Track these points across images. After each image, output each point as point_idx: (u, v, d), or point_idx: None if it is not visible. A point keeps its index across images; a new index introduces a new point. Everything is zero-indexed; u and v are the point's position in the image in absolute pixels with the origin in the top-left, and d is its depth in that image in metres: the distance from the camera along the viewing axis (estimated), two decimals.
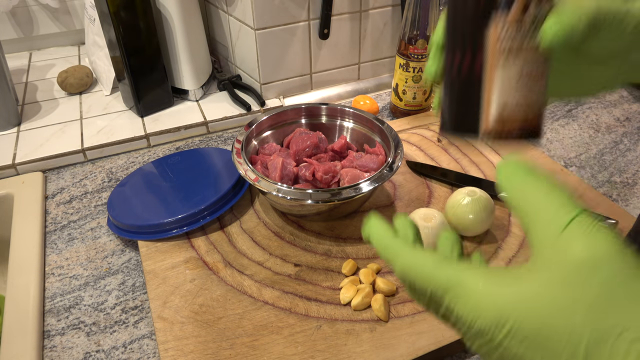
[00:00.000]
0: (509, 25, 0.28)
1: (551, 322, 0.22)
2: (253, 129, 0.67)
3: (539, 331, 0.22)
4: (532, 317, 0.22)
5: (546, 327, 0.22)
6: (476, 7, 0.29)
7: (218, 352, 0.48)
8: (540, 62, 0.29)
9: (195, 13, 0.86)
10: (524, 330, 0.22)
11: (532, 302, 0.22)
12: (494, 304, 0.23)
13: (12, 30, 1.03)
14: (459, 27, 0.29)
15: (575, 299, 0.21)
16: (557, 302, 0.22)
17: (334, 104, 0.71)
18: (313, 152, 0.66)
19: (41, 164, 0.76)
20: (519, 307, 0.23)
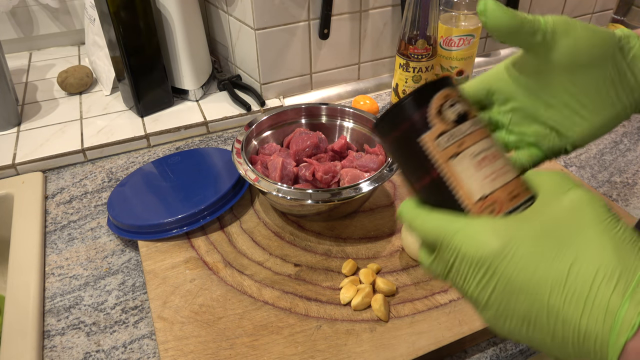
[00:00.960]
0: (438, 137, 0.31)
1: (541, 251, 0.28)
2: (253, 129, 0.67)
3: (530, 258, 0.28)
4: (527, 248, 0.28)
5: (536, 255, 0.28)
6: (408, 147, 0.32)
7: (218, 352, 0.48)
8: (484, 142, 0.32)
9: (195, 13, 0.86)
10: (520, 257, 0.28)
11: (528, 239, 0.28)
12: (497, 238, 0.28)
13: (12, 30, 1.03)
14: (407, 165, 0.33)
15: (556, 238, 0.28)
16: (546, 241, 0.28)
17: (334, 104, 0.71)
18: (313, 152, 0.66)
19: (41, 164, 0.76)
20: (518, 241, 0.28)
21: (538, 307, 0.28)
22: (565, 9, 1.08)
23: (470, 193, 0.31)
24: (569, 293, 0.27)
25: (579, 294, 0.27)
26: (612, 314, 0.26)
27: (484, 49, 1.05)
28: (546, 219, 0.29)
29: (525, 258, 0.28)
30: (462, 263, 0.30)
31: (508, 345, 0.52)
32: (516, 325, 0.29)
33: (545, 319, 0.28)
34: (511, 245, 0.28)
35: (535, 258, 0.28)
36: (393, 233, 0.62)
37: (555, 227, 0.29)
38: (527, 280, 0.28)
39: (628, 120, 0.86)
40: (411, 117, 0.32)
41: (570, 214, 0.29)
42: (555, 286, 0.27)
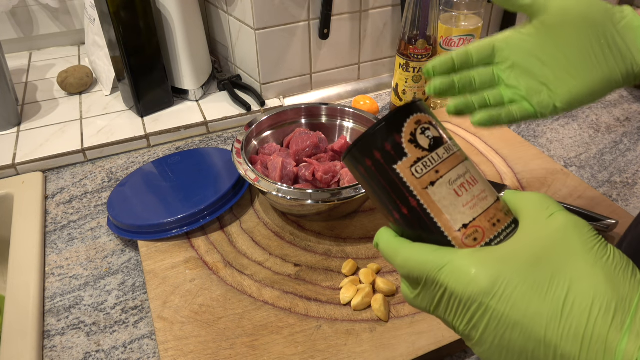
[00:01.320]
0: (414, 165, 0.30)
1: (530, 283, 0.27)
2: (253, 129, 0.67)
3: (522, 294, 0.27)
4: (518, 283, 0.27)
5: (528, 289, 0.27)
6: (382, 177, 0.31)
7: (218, 352, 0.48)
8: (460, 167, 0.31)
9: (195, 13, 0.86)
10: (512, 294, 0.27)
11: (518, 272, 0.27)
12: (486, 273, 0.27)
13: (12, 30, 1.03)
14: (382, 195, 0.32)
15: (546, 269, 0.27)
16: (536, 273, 0.27)
17: (334, 104, 0.71)
18: (313, 152, 0.66)
19: (41, 164, 0.76)
20: (508, 276, 0.27)
21: (534, 342, 0.27)
22: None
23: (451, 222, 0.30)
24: (565, 328, 0.26)
25: (576, 329, 0.26)
26: (612, 349, 0.25)
27: None
28: (534, 248, 0.28)
29: (517, 293, 0.27)
30: (450, 300, 0.29)
31: None
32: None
33: (543, 355, 0.27)
34: (501, 281, 0.27)
35: (528, 292, 0.27)
36: None
37: (544, 257, 0.28)
38: (522, 316, 0.27)
39: (628, 121, 0.86)
40: (384, 145, 0.30)
41: (557, 241, 0.28)
42: (551, 321, 0.26)
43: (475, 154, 0.75)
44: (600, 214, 0.61)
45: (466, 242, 0.30)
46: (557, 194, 0.67)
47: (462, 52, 0.44)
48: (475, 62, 0.44)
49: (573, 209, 0.61)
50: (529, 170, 0.72)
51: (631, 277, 0.27)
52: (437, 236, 0.31)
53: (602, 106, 0.91)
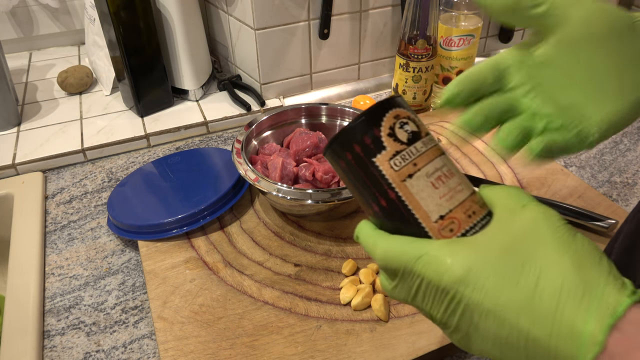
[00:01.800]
0: (392, 158, 0.31)
1: (501, 273, 0.28)
2: (253, 129, 0.67)
3: (495, 282, 0.28)
4: (491, 272, 0.28)
5: (500, 278, 0.28)
6: (362, 170, 0.32)
7: (218, 352, 0.48)
8: (438, 161, 0.32)
9: (195, 13, 0.86)
10: (485, 282, 0.28)
11: (490, 262, 0.28)
12: (460, 263, 0.28)
13: (12, 30, 1.03)
14: (361, 188, 0.33)
15: (517, 258, 0.28)
16: (508, 262, 0.28)
17: (334, 104, 0.71)
18: (313, 152, 0.66)
19: (41, 164, 0.76)
20: (481, 265, 0.28)
21: (508, 329, 0.28)
22: None
23: (429, 213, 0.31)
24: (536, 314, 0.27)
25: (546, 314, 0.27)
26: (578, 332, 0.26)
27: (484, 49, 1.05)
28: (505, 238, 0.29)
29: (490, 282, 0.28)
30: (426, 290, 0.30)
31: None
32: (488, 347, 0.29)
33: (516, 340, 0.28)
34: (475, 270, 0.28)
35: (500, 281, 0.28)
36: None
37: (515, 246, 0.29)
38: (494, 304, 0.28)
39: None
40: (364, 139, 0.32)
41: (528, 231, 0.29)
42: (522, 308, 0.27)
43: (475, 153, 0.75)
44: (600, 214, 0.61)
45: (443, 233, 0.31)
46: (557, 194, 0.67)
47: (476, 75, 0.36)
48: (488, 88, 0.37)
49: (573, 209, 0.61)
50: (529, 170, 0.72)
51: (597, 263, 0.28)
52: (414, 228, 0.32)
53: None
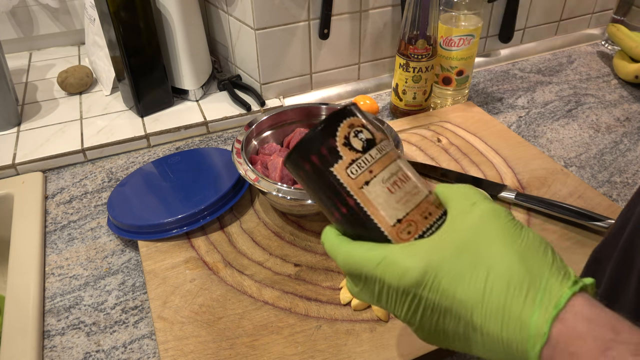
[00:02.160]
0: (349, 166, 0.33)
1: (455, 273, 0.29)
2: (253, 129, 0.67)
3: (449, 282, 0.29)
4: (445, 273, 0.29)
5: (453, 278, 0.29)
6: (321, 179, 0.33)
7: (218, 352, 0.48)
8: (392, 166, 0.34)
9: (195, 13, 0.86)
10: (440, 283, 0.29)
11: (444, 263, 0.30)
12: (416, 265, 0.30)
13: (12, 30, 1.03)
14: (322, 196, 0.34)
15: (468, 257, 0.30)
16: (460, 262, 0.30)
17: (334, 104, 0.71)
18: None
19: (41, 164, 0.76)
20: (435, 267, 0.30)
21: (464, 325, 0.30)
22: (565, 8, 1.08)
23: (387, 217, 0.32)
24: (487, 309, 0.28)
25: (496, 309, 0.28)
26: (526, 324, 0.27)
27: (484, 49, 1.05)
28: (457, 237, 0.31)
29: (444, 282, 0.29)
30: (388, 293, 0.32)
31: None
32: (450, 341, 0.31)
33: (472, 334, 0.29)
34: (430, 272, 0.30)
35: (454, 280, 0.29)
36: None
37: (466, 245, 0.30)
38: (450, 303, 0.29)
39: (628, 121, 0.86)
40: (321, 149, 0.33)
41: (477, 230, 0.31)
42: (475, 305, 0.29)
43: (475, 153, 0.75)
44: (600, 214, 0.61)
45: (401, 236, 0.32)
46: (557, 194, 0.67)
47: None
48: None
49: (573, 209, 0.61)
50: (529, 170, 0.72)
51: (542, 255, 0.29)
52: (374, 232, 0.33)
53: (602, 106, 0.91)
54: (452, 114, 0.85)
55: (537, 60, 1.08)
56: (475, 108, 0.86)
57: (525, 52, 1.09)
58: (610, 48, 1.12)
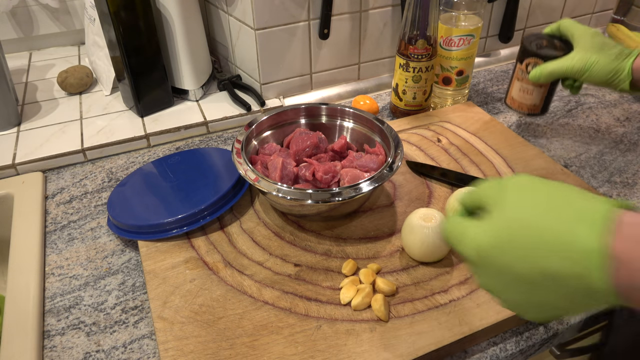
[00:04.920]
0: (521, 68, 0.71)
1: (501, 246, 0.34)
2: (253, 129, 0.67)
3: (497, 256, 0.34)
4: (490, 247, 0.35)
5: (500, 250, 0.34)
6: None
7: (218, 352, 0.48)
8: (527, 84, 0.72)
9: (195, 13, 0.86)
10: (488, 257, 0.35)
11: (489, 239, 0.35)
12: (472, 241, 0.36)
13: (12, 30, 1.03)
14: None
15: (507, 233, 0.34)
16: (501, 236, 0.34)
17: (334, 104, 0.71)
18: (313, 152, 0.66)
19: (41, 164, 0.76)
20: (484, 242, 0.35)
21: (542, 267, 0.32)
22: (565, 9, 1.08)
23: None
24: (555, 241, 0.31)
25: (562, 241, 0.31)
26: (588, 247, 0.29)
27: (484, 49, 1.05)
28: (496, 224, 0.36)
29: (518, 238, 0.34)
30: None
31: (508, 345, 0.52)
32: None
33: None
34: (480, 248, 0.36)
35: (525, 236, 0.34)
36: (393, 233, 0.62)
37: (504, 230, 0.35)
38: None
39: (628, 121, 0.86)
40: None
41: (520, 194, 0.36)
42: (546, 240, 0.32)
43: (475, 153, 0.75)
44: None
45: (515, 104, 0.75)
46: None
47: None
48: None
49: None
50: (529, 170, 0.72)
51: (579, 192, 0.34)
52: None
53: (602, 106, 0.91)
54: (452, 114, 0.85)
55: None
56: (475, 108, 0.86)
57: None
58: None
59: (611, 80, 0.65)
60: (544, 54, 0.70)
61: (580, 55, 0.66)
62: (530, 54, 0.72)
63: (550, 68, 0.69)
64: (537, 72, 0.70)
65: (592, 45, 0.65)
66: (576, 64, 0.66)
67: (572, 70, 0.66)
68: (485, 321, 0.50)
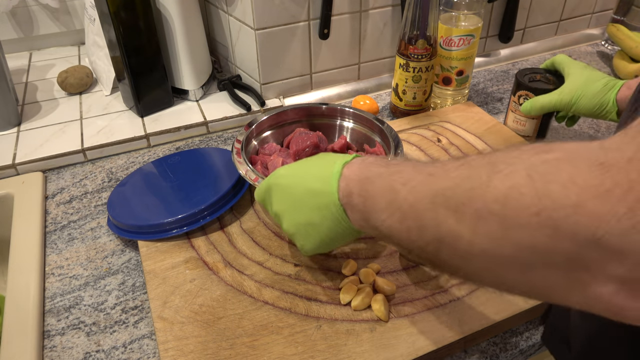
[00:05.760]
0: (514, 100, 0.73)
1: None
2: (253, 129, 0.67)
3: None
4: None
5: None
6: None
7: (218, 352, 0.48)
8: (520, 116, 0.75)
9: (195, 13, 0.86)
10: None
11: (279, 176, 0.50)
12: (267, 180, 0.52)
13: (12, 30, 1.03)
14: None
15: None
16: (286, 174, 0.50)
17: (334, 104, 0.71)
18: (313, 151, 0.66)
19: (41, 164, 0.76)
20: (276, 175, 0.50)
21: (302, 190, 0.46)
22: (565, 9, 1.08)
23: None
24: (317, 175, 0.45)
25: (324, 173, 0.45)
26: (330, 173, 0.44)
27: (484, 49, 1.05)
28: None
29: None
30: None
31: (508, 345, 0.52)
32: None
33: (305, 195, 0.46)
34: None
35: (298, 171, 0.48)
36: None
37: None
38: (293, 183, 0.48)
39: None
40: None
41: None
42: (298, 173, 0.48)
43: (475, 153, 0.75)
44: None
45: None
46: None
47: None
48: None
49: None
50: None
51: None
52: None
53: None
54: (452, 114, 0.85)
55: (537, 60, 1.08)
56: (475, 108, 0.86)
57: (525, 52, 1.09)
58: (610, 48, 1.12)
59: (599, 112, 0.67)
60: (535, 87, 0.73)
61: (569, 89, 0.68)
62: (523, 87, 0.75)
63: (540, 102, 0.71)
64: (527, 106, 0.73)
65: (580, 79, 0.67)
66: (564, 98, 0.68)
67: (561, 104, 0.68)
68: (485, 321, 0.50)
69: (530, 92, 0.74)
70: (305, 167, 0.47)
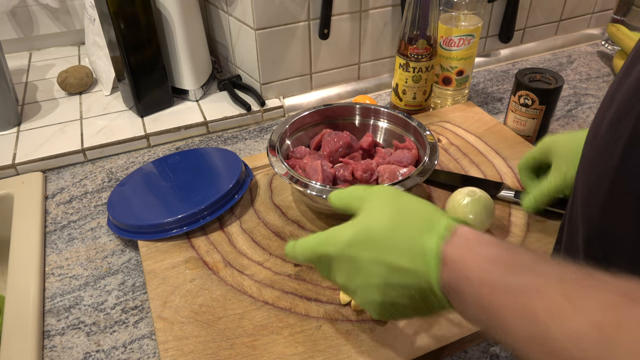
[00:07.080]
0: (514, 100, 0.65)
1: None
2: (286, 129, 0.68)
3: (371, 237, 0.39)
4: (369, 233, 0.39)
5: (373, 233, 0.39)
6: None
7: (218, 352, 0.48)
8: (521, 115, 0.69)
9: (195, 13, 0.86)
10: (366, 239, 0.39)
11: (350, 235, 0.40)
12: (338, 237, 0.41)
13: (12, 30, 1.03)
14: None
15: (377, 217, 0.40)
16: (360, 234, 0.39)
17: (367, 104, 0.73)
18: (347, 151, 0.66)
19: (41, 164, 0.76)
20: (346, 236, 0.40)
21: (386, 269, 0.37)
22: (565, 8, 1.08)
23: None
24: (397, 245, 0.37)
25: (404, 243, 0.37)
26: (425, 249, 0.35)
27: (484, 49, 1.05)
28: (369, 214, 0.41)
29: (368, 238, 0.39)
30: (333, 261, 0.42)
31: None
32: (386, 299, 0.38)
33: (393, 276, 0.37)
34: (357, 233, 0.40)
35: (373, 234, 0.39)
36: None
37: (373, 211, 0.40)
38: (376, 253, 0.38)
39: None
40: None
41: (378, 201, 0.41)
42: (388, 244, 0.37)
43: (475, 153, 0.75)
44: None
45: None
46: None
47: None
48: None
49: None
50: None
51: (427, 204, 0.39)
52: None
53: None
54: (452, 114, 0.85)
55: (537, 60, 1.08)
56: (475, 108, 0.86)
57: (525, 52, 1.09)
58: (610, 48, 1.12)
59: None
60: (535, 87, 0.74)
61: (557, 173, 0.59)
62: (523, 87, 0.75)
63: (545, 195, 0.60)
64: (531, 204, 0.61)
65: (565, 159, 0.59)
66: (557, 182, 0.59)
67: (560, 187, 0.59)
68: None
69: (531, 92, 0.74)
70: (384, 233, 0.37)
